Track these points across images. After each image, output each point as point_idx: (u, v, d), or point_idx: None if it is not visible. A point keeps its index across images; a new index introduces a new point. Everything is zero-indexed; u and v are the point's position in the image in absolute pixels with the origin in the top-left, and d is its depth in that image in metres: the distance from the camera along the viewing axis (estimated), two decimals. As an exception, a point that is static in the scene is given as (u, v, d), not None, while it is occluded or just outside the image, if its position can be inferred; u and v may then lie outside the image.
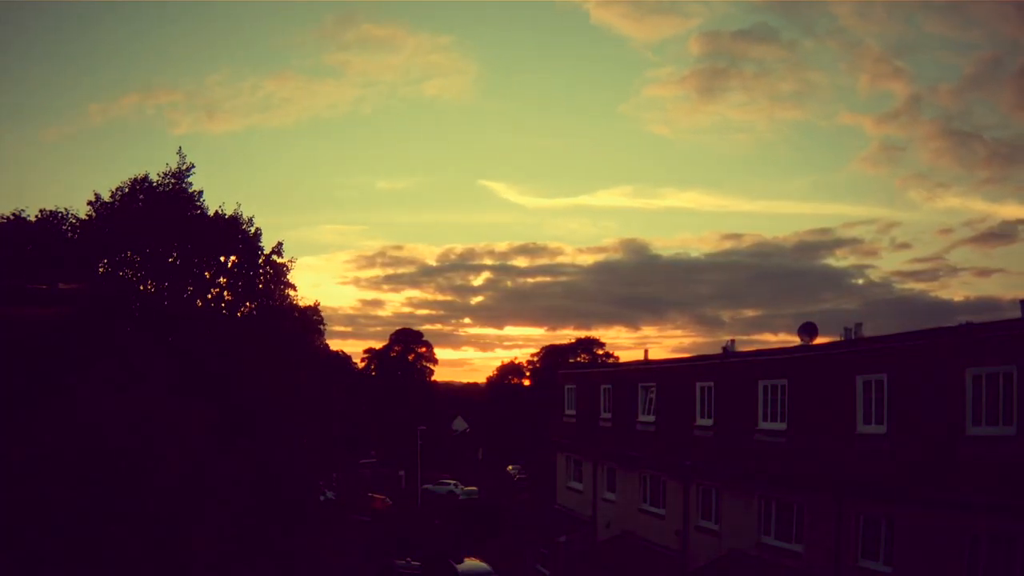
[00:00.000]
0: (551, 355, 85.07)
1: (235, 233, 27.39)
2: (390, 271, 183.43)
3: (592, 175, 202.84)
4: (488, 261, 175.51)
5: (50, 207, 26.71)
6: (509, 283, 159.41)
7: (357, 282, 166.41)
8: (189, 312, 26.06)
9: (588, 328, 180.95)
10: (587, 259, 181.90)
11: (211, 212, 27.47)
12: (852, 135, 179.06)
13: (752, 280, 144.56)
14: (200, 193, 27.42)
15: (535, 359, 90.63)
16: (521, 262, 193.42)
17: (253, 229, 27.86)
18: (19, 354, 21.13)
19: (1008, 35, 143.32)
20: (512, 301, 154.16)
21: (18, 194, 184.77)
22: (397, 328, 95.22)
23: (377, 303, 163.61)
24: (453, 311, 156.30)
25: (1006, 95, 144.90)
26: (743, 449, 25.27)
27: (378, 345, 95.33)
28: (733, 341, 28.90)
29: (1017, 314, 18.26)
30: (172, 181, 26.98)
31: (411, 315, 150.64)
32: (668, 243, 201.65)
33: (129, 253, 26.29)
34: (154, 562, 16.53)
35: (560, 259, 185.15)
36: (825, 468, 21.57)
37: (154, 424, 17.70)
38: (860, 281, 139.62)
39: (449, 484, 70.28)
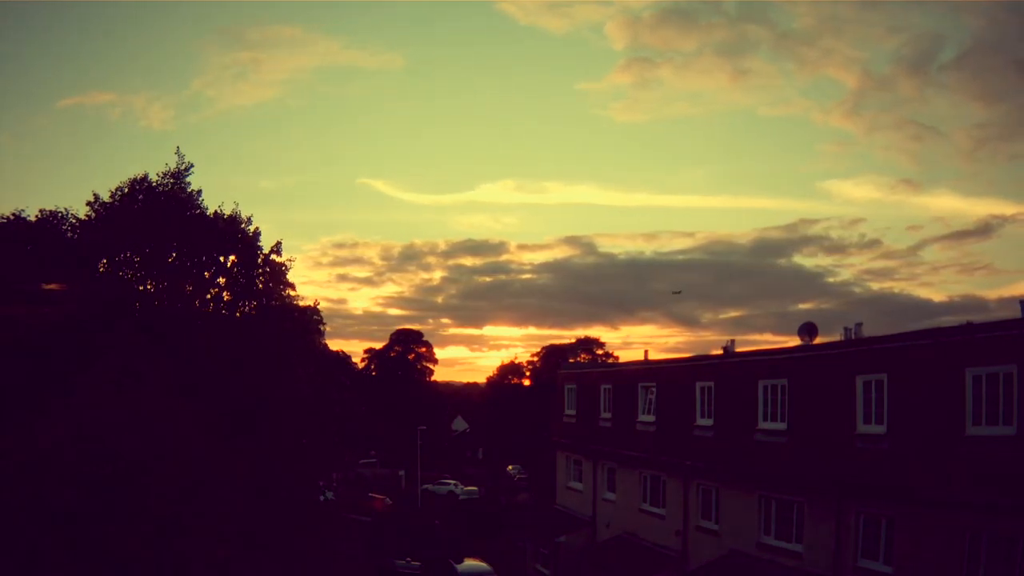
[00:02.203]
0: (551, 355, 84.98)
1: (234, 233, 27.36)
2: (340, 270, 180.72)
3: (519, 171, 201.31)
4: (432, 259, 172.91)
5: (49, 207, 26.79)
6: (468, 281, 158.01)
7: (312, 282, 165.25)
8: (188, 312, 26.04)
9: (566, 327, 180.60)
10: (535, 257, 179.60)
11: (210, 212, 27.48)
12: (801, 127, 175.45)
13: (724, 278, 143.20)
14: (199, 193, 27.45)
15: (535, 359, 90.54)
16: (469, 260, 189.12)
17: (252, 228, 27.87)
18: (19, 354, 21.17)
19: (945, 11, 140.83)
20: (480, 300, 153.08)
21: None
22: (373, 328, 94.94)
23: (342, 302, 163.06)
24: (424, 310, 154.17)
25: (953, 82, 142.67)
26: (743, 449, 25.26)
27: (377, 345, 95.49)
28: (733, 341, 28.94)
29: (1006, 313, 18.28)
30: (171, 181, 26.99)
31: (383, 314, 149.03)
32: (614, 240, 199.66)
33: (129, 253, 26.29)
34: (154, 562, 16.53)
35: (506, 257, 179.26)
36: (825, 468, 21.56)
37: (153, 424, 17.70)
38: (834, 280, 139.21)
39: (449, 484, 70.25)
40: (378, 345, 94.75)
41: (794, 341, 26.23)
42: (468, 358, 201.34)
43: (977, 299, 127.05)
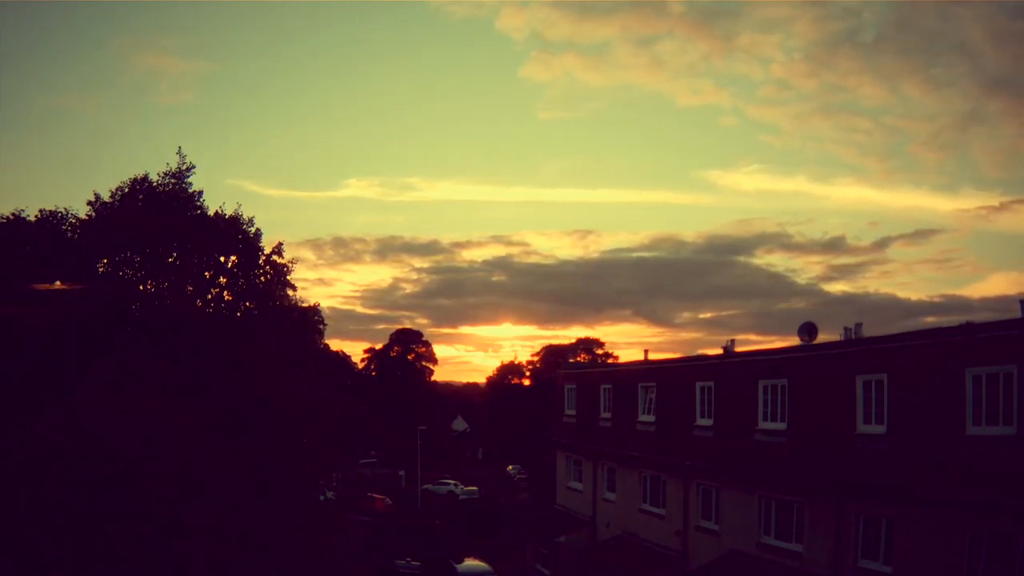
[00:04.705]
0: (551, 355, 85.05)
1: (235, 233, 27.38)
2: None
3: (430, 168, 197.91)
4: (368, 259, 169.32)
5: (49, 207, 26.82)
6: (420, 279, 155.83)
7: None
8: (189, 312, 26.04)
9: (544, 326, 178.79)
10: (475, 255, 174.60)
11: (211, 212, 27.49)
12: (734, 118, 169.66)
13: (685, 276, 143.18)
14: (200, 193, 27.46)
15: (535, 359, 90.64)
16: (407, 257, 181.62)
17: (253, 229, 27.89)
18: (19, 354, 21.19)
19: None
20: (440, 297, 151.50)
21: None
22: (350, 327, 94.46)
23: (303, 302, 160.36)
24: (388, 308, 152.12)
25: (892, 70, 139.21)
26: (743, 449, 25.25)
27: (375, 344, 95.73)
28: (733, 341, 28.90)
29: (990, 312, 18.26)
30: (172, 181, 26.99)
31: (352, 312, 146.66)
32: (549, 239, 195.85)
33: (129, 253, 26.29)
34: (153, 562, 16.52)
35: (444, 255, 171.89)
36: (825, 468, 21.55)
37: (152, 425, 17.70)
38: (805, 279, 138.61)
39: (449, 484, 70.25)
40: (377, 344, 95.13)
41: (786, 341, 26.25)
42: (450, 357, 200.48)
43: (959, 298, 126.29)
